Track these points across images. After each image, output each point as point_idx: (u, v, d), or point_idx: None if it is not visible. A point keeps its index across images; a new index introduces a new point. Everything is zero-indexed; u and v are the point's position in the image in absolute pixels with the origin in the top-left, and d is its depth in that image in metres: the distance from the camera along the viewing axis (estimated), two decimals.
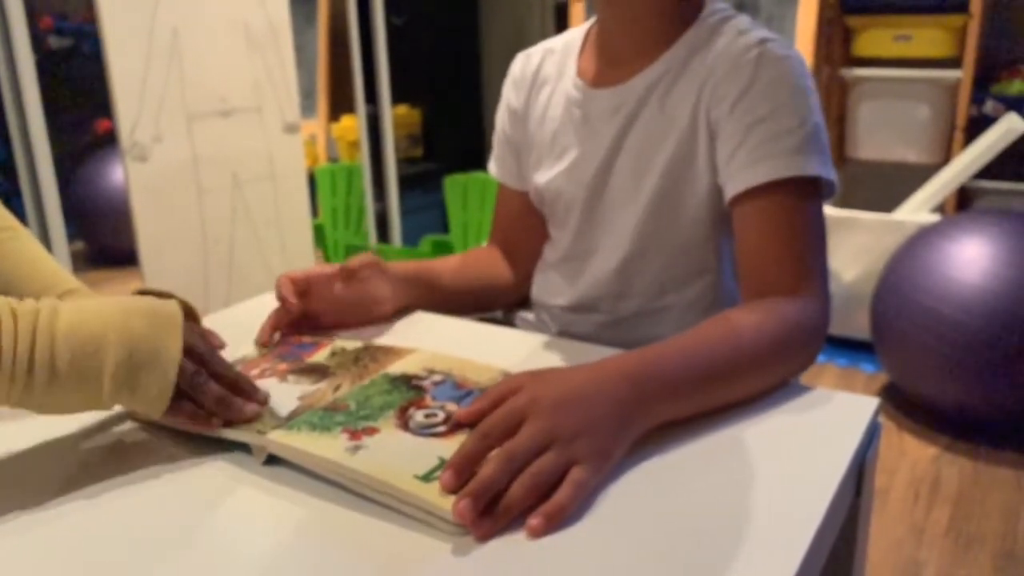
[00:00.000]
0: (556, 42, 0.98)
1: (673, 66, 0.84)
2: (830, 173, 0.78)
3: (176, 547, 0.52)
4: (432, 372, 0.71)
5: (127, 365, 0.58)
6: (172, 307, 0.62)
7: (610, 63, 0.89)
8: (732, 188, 0.79)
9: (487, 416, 0.57)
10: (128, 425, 0.68)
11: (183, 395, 0.62)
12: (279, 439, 0.60)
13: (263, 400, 0.66)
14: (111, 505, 0.57)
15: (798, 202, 0.77)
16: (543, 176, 0.94)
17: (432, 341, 0.80)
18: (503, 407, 0.57)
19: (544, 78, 0.96)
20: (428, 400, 0.66)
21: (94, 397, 0.58)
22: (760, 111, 0.78)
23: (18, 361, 0.55)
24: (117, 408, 0.62)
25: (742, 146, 0.78)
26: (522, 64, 0.99)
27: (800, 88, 0.79)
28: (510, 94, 1.00)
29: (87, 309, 0.59)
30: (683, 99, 0.83)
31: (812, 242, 0.77)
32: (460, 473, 0.53)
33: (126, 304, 0.61)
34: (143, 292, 0.79)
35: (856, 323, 2.36)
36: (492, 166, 1.05)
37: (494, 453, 0.54)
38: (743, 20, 0.85)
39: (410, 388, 0.68)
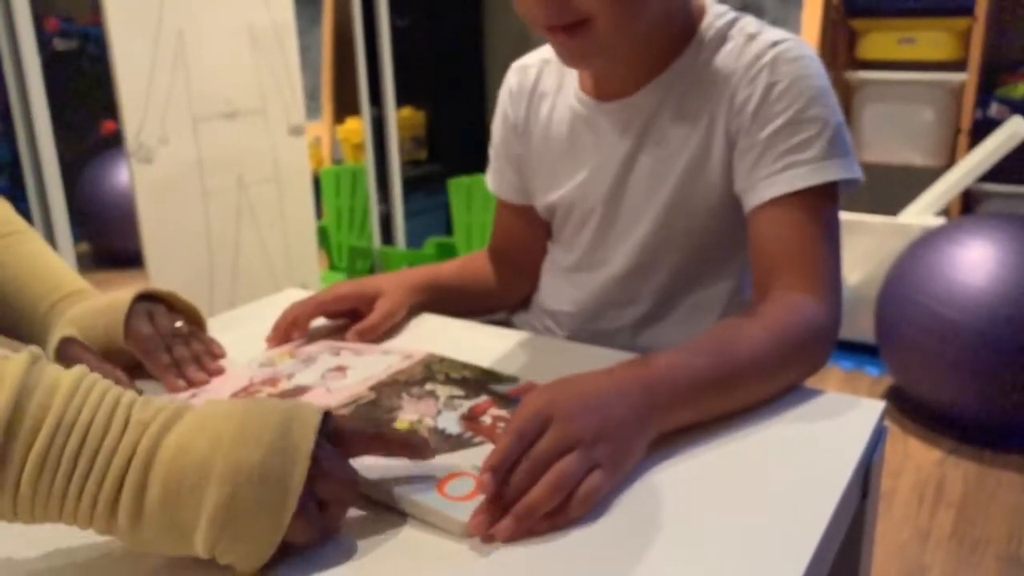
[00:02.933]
0: (552, 52, 0.96)
1: (683, 76, 0.83)
2: (854, 171, 0.78)
3: None
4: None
5: (228, 508, 0.46)
6: (300, 433, 0.49)
7: (612, 76, 0.87)
8: (754, 198, 0.79)
9: (517, 419, 0.57)
10: None
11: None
12: None
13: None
14: None
15: (817, 208, 0.77)
16: (554, 192, 0.93)
17: (443, 346, 0.80)
18: (529, 408, 0.57)
19: (543, 91, 0.94)
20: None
21: (185, 543, 0.48)
22: (781, 118, 0.77)
23: (104, 489, 0.46)
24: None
25: (764, 155, 0.78)
26: (519, 77, 0.96)
27: (819, 89, 0.78)
28: (507, 107, 0.97)
29: (201, 427, 0.48)
30: (697, 109, 0.82)
31: (827, 247, 0.77)
32: (498, 474, 0.53)
33: (247, 416, 0.49)
34: (147, 294, 0.80)
35: (861, 326, 2.36)
36: (489, 180, 1.03)
37: (518, 468, 0.54)
38: (749, 21, 0.83)
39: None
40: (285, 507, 0.47)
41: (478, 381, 0.72)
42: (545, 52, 0.96)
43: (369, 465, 0.57)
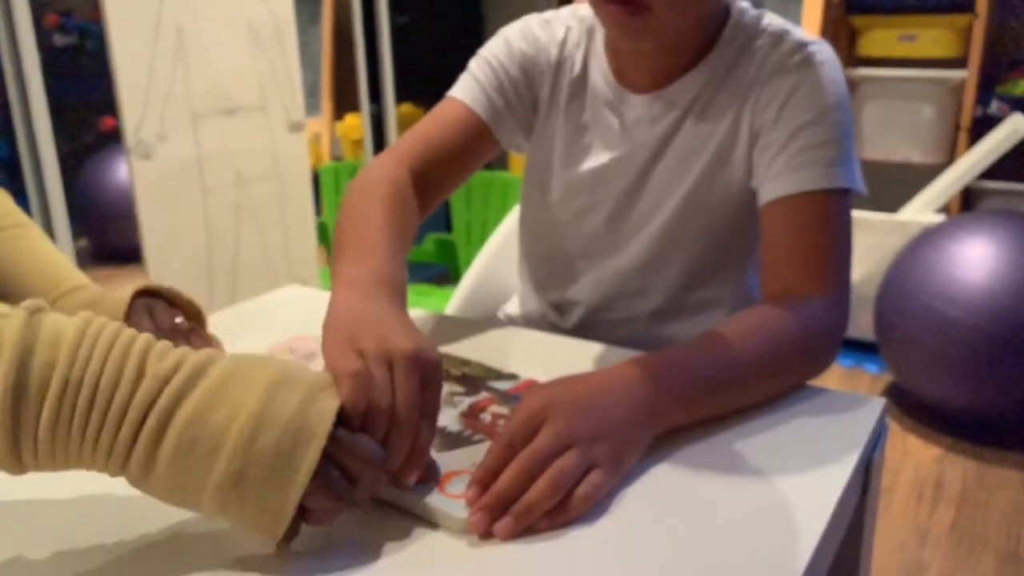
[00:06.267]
0: (570, 18, 0.91)
1: (716, 73, 0.83)
2: (859, 184, 0.79)
3: (181, 543, 0.52)
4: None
5: (235, 481, 0.47)
6: (318, 416, 0.49)
7: (639, 66, 0.85)
8: (768, 193, 0.79)
9: (508, 427, 0.57)
10: None
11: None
12: None
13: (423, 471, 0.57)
14: (110, 498, 0.57)
15: (831, 209, 0.77)
16: (559, 166, 0.91)
17: (443, 343, 0.80)
18: (521, 413, 0.57)
19: (567, 56, 0.89)
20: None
21: (191, 504, 0.49)
22: (803, 117, 0.78)
23: (119, 440, 0.47)
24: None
25: (783, 151, 0.78)
26: (544, 30, 0.91)
27: (840, 96, 0.79)
28: (524, 47, 0.90)
29: (225, 391, 0.48)
30: (726, 105, 0.82)
31: (836, 247, 0.77)
32: (485, 487, 0.53)
33: (273, 391, 0.49)
34: (146, 290, 0.80)
35: (860, 323, 2.36)
36: (469, 92, 0.89)
37: (513, 461, 0.54)
38: (773, 19, 0.84)
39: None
40: (294, 483, 0.47)
41: (478, 378, 0.72)
42: (565, 15, 0.91)
43: None
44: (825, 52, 0.81)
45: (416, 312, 0.92)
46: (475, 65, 0.91)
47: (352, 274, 0.67)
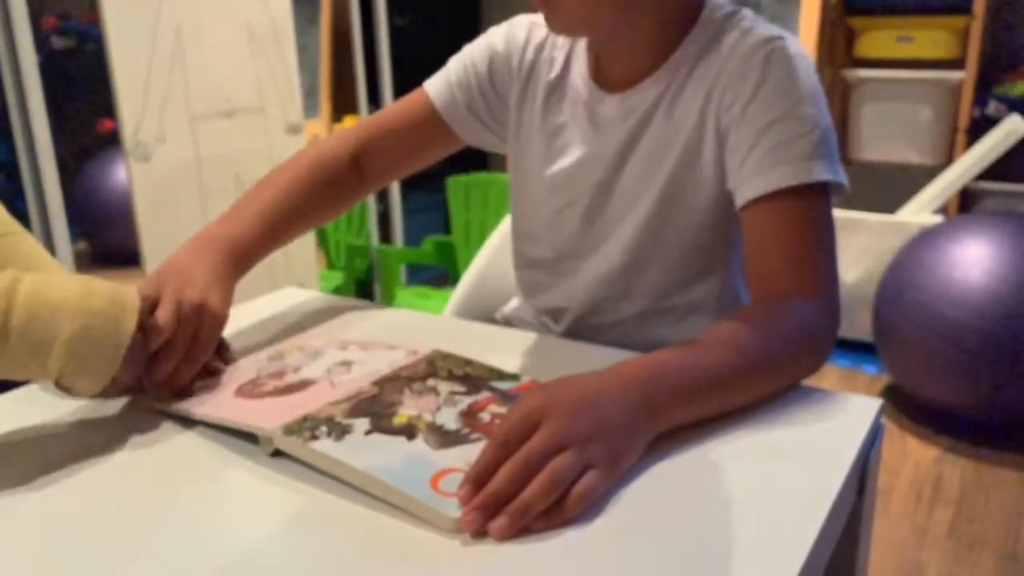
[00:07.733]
0: None
1: (681, 70, 0.82)
2: (839, 176, 0.78)
3: (178, 536, 0.52)
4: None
5: (80, 337, 0.61)
6: (130, 292, 0.66)
7: (613, 64, 0.87)
8: (743, 194, 0.78)
9: (503, 427, 0.57)
10: (131, 412, 0.69)
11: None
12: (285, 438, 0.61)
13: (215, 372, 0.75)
14: (110, 491, 0.57)
15: (809, 206, 0.76)
16: (541, 168, 0.91)
17: (448, 343, 0.80)
18: (518, 412, 0.57)
19: (546, 57, 0.91)
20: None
21: (41, 363, 0.60)
22: (771, 114, 0.77)
23: None
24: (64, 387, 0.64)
25: (753, 151, 0.77)
26: (526, 31, 0.92)
27: (810, 89, 0.78)
28: (500, 47, 0.93)
29: (50, 282, 0.62)
30: (691, 103, 0.82)
31: (821, 245, 0.76)
32: (479, 486, 0.53)
33: (88, 282, 0.64)
34: None
35: (858, 324, 2.36)
36: (436, 84, 0.94)
37: (509, 460, 0.54)
38: (746, 15, 0.83)
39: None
40: (122, 344, 0.63)
41: (480, 378, 0.72)
42: None
43: (364, 459, 0.57)
44: (791, 46, 0.79)
45: (415, 314, 0.93)
46: (453, 60, 0.95)
47: (208, 231, 0.83)
